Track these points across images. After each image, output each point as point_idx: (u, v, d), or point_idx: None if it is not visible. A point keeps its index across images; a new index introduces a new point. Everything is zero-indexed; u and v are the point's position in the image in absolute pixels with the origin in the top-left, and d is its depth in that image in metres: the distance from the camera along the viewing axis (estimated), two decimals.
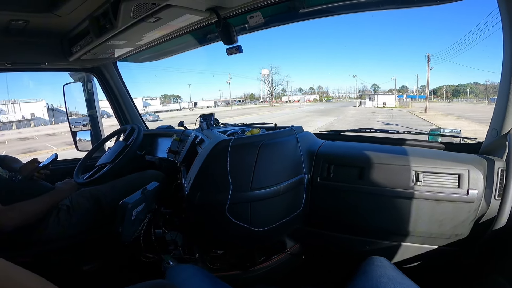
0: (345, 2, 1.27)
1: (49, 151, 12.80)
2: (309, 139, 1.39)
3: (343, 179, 1.21)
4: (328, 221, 1.29)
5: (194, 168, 1.22)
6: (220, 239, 1.26)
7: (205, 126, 1.64)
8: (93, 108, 2.28)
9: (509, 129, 1.05)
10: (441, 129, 1.50)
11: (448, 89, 60.45)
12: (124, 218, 1.14)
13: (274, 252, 1.34)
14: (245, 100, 67.83)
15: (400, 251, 1.21)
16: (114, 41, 1.47)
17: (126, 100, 2.31)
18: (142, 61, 2.20)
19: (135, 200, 1.17)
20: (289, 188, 1.18)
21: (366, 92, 63.20)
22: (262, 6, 1.28)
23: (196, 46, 1.86)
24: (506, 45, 0.99)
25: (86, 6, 1.25)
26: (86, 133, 2.25)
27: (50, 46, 1.69)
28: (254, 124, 1.78)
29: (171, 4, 1.08)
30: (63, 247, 1.36)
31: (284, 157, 1.22)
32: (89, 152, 1.93)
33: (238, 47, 1.39)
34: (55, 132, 21.17)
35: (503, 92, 1.03)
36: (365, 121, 17.26)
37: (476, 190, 1.05)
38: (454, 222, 1.09)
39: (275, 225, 1.17)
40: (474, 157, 1.13)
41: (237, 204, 1.10)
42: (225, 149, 1.12)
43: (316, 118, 19.79)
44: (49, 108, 34.98)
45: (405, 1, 1.19)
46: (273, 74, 60.58)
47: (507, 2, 0.92)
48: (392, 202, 1.14)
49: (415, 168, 1.11)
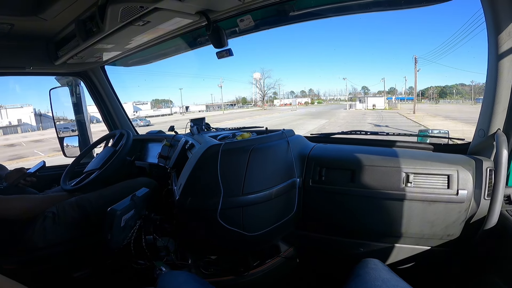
0: (334, 5, 1.29)
1: (36, 157, 12.52)
2: (300, 142, 1.39)
3: (335, 182, 1.21)
4: (321, 224, 1.29)
5: (184, 174, 1.20)
6: (212, 244, 1.24)
7: (196, 131, 1.62)
8: (80, 113, 2.23)
9: (496, 129, 1.07)
10: (429, 130, 1.53)
11: (435, 91, 62.11)
12: (113, 225, 1.11)
13: (268, 256, 1.32)
14: (237, 104, 67.94)
15: (394, 252, 1.21)
16: (101, 44, 1.44)
17: (115, 105, 2.27)
18: (131, 65, 2.17)
19: (124, 206, 1.15)
20: (281, 192, 1.17)
21: (356, 94, 64.38)
22: (252, 9, 1.28)
23: (187, 49, 1.85)
24: (490, 46, 1.01)
25: (72, 9, 1.23)
26: (73, 139, 2.19)
27: (35, 50, 1.65)
28: (245, 128, 1.78)
29: (159, 7, 1.06)
30: (50, 255, 1.33)
31: (276, 161, 1.21)
32: (76, 158, 1.88)
33: (228, 50, 1.38)
34: (43, 138, 20.71)
35: (489, 93, 1.05)
36: (356, 123, 17.50)
37: (465, 191, 1.06)
38: (446, 222, 1.10)
39: (268, 229, 1.16)
40: (463, 158, 1.14)
41: (228, 209, 1.09)
42: (216, 154, 1.11)
43: (308, 121, 19.94)
44: (36, 113, 34.28)
45: (392, 4, 1.21)
46: (265, 77, 60.98)
47: (491, 2, 0.94)
48: (384, 204, 1.15)
49: (405, 169, 1.12)
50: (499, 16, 0.94)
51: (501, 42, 0.97)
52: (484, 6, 0.97)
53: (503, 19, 0.94)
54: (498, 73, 1.00)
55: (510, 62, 0.98)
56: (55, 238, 1.32)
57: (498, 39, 0.97)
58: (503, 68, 1.00)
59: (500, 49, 0.98)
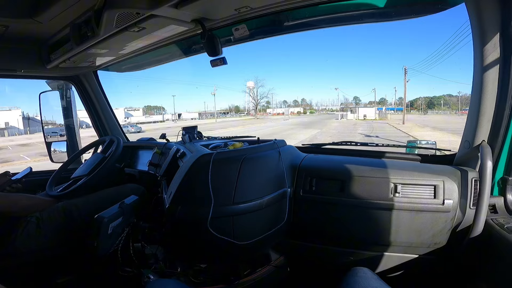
0: (328, 16, 1.32)
1: (22, 162, 12.18)
2: (291, 153, 1.41)
3: (325, 192, 1.23)
4: (312, 233, 1.30)
5: (175, 182, 1.20)
6: (202, 253, 1.23)
7: (188, 139, 1.62)
8: (70, 118, 2.19)
9: (481, 141, 1.11)
10: (417, 141, 1.58)
11: (424, 101, 63.74)
12: (100, 232, 1.09)
13: (259, 265, 1.31)
14: (230, 113, 68.01)
15: (383, 261, 1.22)
16: (95, 49, 1.44)
17: (106, 111, 2.24)
18: (124, 71, 2.16)
19: (111, 214, 1.14)
20: (272, 202, 1.18)
21: (348, 104, 65.30)
22: (247, 19, 1.30)
23: (181, 56, 1.86)
24: (476, 58, 1.04)
25: (68, 12, 1.22)
26: (61, 144, 2.15)
27: (28, 52, 1.63)
28: (237, 137, 1.78)
29: (155, 14, 1.07)
30: (33, 260, 1.29)
31: (267, 171, 1.22)
32: (64, 163, 1.84)
33: (222, 59, 1.40)
34: (30, 142, 20.16)
35: (474, 104, 1.09)
36: (347, 133, 17.69)
37: (451, 200, 1.09)
38: (433, 231, 1.12)
39: (258, 238, 1.16)
40: (449, 169, 1.18)
41: (219, 218, 1.08)
42: (207, 164, 1.11)
43: (300, 130, 20.05)
44: (25, 117, 33.47)
45: (384, 15, 1.25)
46: (258, 86, 61.25)
47: (477, 14, 0.98)
48: (373, 214, 1.17)
49: (393, 180, 1.15)
50: (485, 27, 0.98)
51: (486, 54, 1.00)
52: (471, 17, 1.00)
53: (489, 31, 0.98)
54: (483, 85, 1.04)
55: (495, 74, 1.02)
56: (39, 243, 1.29)
57: (484, 50, 1.00)
58: (488, 80, 1.03)
59: (485, 61, 1.01)
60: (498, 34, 0.97)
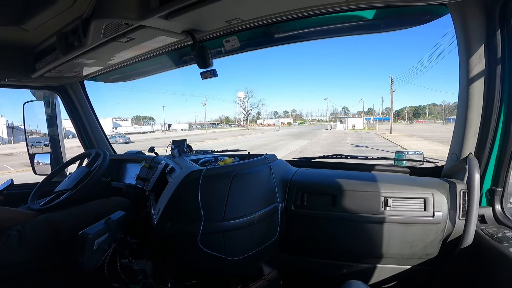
0: (317, 28, 1.35)
1: (5, 172, 11.71)
2: (282, 167, 1.40)
3: (316, 207, 1.23)
4: (304, 247, 1.29)
5: (163, 198, 1.17)
6: (193, 269, 1.19)
7: (177, 153, 1.58)
8: (54, 128, 2.13)
9: (468, 153, 1.13)
10: (406, 151, 1.60)
11: (410, 111, 65.61)
12: (85, 249, 1.06)
13: (251, 280, 1.28)
14: (221, 123, 67.98)
15: (376, 273, 1.22)
16: (82, 59, 1.41)
17: (92, 122, 2.18)
18: (112, 81, 2.13)
19: (97, 230, 1.10)
20: (264, 217, 1.16)
21: (337, 115, 66.57)
22: (238, 31, 1.31)
23: (171, 67, 1.85)
24: (461, 70, 1.06)
25: (55, 21, 1.20)
26: (45, 156, 2.07)
27: (12, 61, 1.58)
28: (227, 151, 1.76)
29: (145, 25, 1.06)
30: (16, 273, 1.23)
31: (258, 186, 1.21)
32: (47, 176, 1.77)
33: (213, 71, 1.40)
34: (14, 152, 19.48)
35: (460, 117, 1.12)
36: (337, 143, 17.88)
37: (441, 212, 1.11)
38: (424, 242, 1.13)
39: (250, 254, 1.14)
40: (437, 181, 1.20)
41: (210, 234, 1.06)
42: (197, 180, 1.09)
43: (291, 141, 20.15)
44: (9, 126, 32.45)
45: (372, 27, 1.28)
46: (249, 97, 61.68)
47: (462, 26, 1.00)
48: (365, 227, 1.17)
49: (384, 194, 1.16)
50: (470, 39, 1.00)
51: (472, 65, 1.02)
52: (457, 29, 1.02)
53: (474, 43, 1.00)
54: (469, 98, 1.06)
55: (480, 87, 1.04)
56: (21, 256, 1.23)
57: (469, 62, 1.02)
58: (473, 93, 1.05)
59: (471, 73, 1.03)
60: (483, 46, 1.00)
